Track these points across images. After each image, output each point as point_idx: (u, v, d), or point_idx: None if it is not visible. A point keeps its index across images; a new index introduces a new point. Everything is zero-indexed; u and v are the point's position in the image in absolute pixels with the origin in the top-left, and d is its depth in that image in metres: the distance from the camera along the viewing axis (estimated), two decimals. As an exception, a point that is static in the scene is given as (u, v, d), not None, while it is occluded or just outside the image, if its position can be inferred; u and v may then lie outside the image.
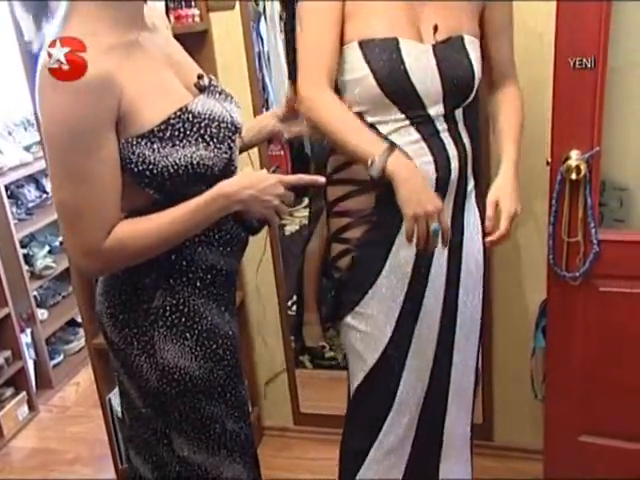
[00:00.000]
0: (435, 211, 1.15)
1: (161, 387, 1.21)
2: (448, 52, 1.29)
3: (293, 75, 1.35)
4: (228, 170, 1.18)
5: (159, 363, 1.19)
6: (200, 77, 1.20)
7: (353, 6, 1.27)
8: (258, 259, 2.17)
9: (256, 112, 1.97)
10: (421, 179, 1.19)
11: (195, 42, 1.91)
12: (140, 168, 1.08)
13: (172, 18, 1.83)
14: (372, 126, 1.28)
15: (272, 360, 2.31)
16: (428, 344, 1.43)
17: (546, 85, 1.58)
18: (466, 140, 1.38)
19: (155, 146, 1.08)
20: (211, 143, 1.12)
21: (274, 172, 1.20)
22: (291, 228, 2.92)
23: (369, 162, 1.17)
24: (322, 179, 1.20)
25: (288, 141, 1.53)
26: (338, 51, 1.28)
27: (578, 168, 1.55)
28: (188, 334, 1.20)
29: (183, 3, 1.85)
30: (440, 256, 1.37)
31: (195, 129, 1.11)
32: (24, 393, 2.62)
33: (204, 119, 1.12)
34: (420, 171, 1.21)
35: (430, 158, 1.30)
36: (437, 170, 1.32)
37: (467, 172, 1.40)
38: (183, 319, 1.19)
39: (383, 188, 1.23)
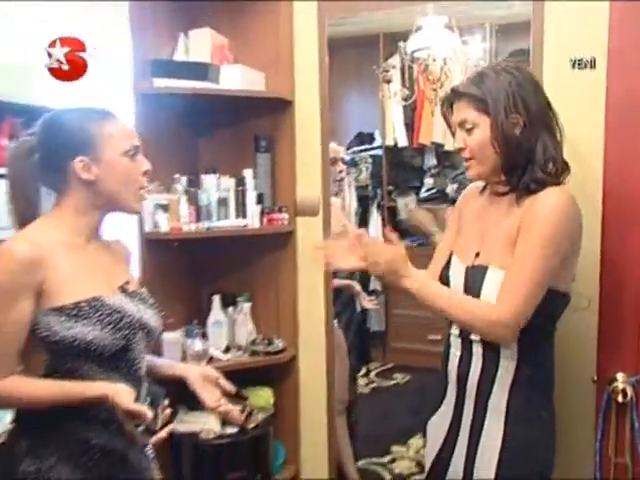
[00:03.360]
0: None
1: None
2: (473, 275, 1.53)
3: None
4: (124, 357, 1.40)
5: None
6: (127, 283, 1.49)
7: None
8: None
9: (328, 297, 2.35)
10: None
11: (282, 240, 2.33)
12: (44, 334, 1.31)
13: (265, 220, 2.22)
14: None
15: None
16: None
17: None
18: (505, 358, 1.49)
19: (62, 319, 1.32)
20: (107, 327, 1.35)
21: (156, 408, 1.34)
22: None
23: None
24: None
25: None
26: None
27: (624, 391, 1.65)
28: None
29: (275, 209, 2.25)
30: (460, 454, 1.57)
31: (97, 314, 1.35)
32: None
33: (110, 310, 1.37)
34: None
35: (458, 354, 1.56)
36: (459, 366, 1.55)
37: (493, 385, 1.50)
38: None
39: None
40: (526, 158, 1.47)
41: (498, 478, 1.50)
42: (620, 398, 1.65)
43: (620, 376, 1.67)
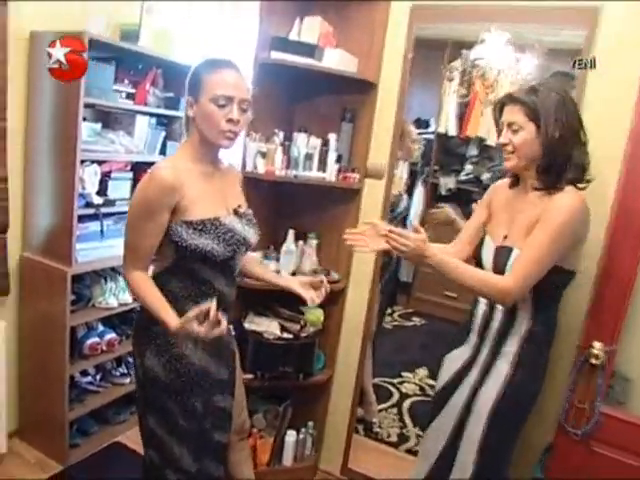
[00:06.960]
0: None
1: (142, 380, 1.67)
2: (501, 253, 1.76)
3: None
4: (227, 263, 1.63)
5: (144, 365, 1.64)
6: (239, 207, 1.71)
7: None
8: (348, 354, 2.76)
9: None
10: None
11: (350, 195, 2.59)
12: (176, 239, 1.55)
13: (340, 176, 2.52)
14: None
15: (341, 421, 2.83)
16: (450, 417, 1.91)
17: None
18: (521, 316, 1.75)
19: (190, 231, 1.54)
20: (222, 242, 1.58)
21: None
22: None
23: None
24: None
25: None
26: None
27: (598, 356, 1.88)
28: (164, 352, 1.62)
29: (350, 169, 2.56)
30: (468, 384, 1.86)
31: (216, 231, 1.57)
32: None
33: (225, 229, 1.59)
34: None
35: (485, 308, 1.86)
36: (484, 318, 1.84)
37: (508, 335, 1.77)
38: (165, 343, 1.62)
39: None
40: (561, 162, 1.67)
41: (498, 404, 1.78)
42: (594, 361, 1.88)
43: (597, 344, 1.89)
